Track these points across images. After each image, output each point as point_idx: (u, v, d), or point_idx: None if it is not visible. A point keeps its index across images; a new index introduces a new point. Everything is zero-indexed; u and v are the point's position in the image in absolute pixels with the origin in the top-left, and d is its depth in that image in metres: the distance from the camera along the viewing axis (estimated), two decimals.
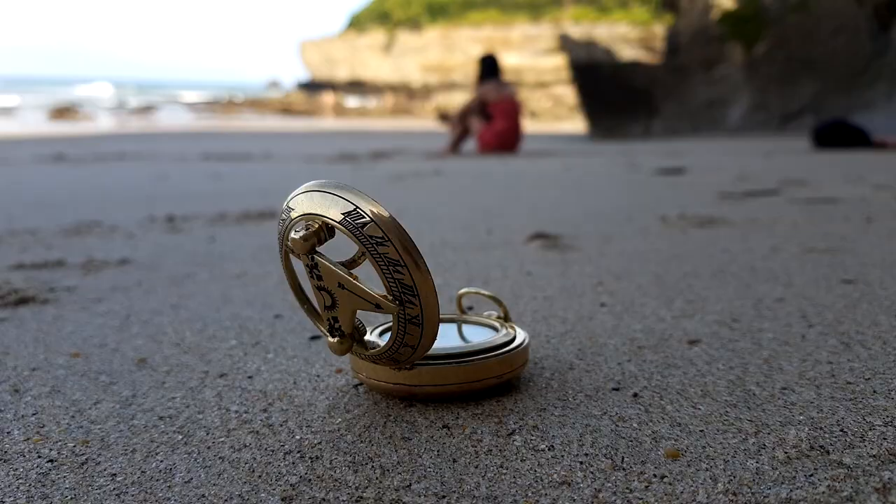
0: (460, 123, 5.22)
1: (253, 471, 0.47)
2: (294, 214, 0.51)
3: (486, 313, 0.68)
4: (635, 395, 0.59)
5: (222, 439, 0.52)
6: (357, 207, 0.48)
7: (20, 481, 0.46)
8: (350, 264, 0.52)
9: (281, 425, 0.55)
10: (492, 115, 5.07)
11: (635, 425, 0.53)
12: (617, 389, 0.60)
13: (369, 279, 0.53)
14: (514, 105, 5.13)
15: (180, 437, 0.53)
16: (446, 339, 0.63)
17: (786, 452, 0.48)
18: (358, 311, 0.53)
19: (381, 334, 0.62)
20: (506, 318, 0.66)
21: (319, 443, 0.52)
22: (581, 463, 0.47)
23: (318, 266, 0.52)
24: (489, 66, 5.23)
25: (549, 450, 0.49)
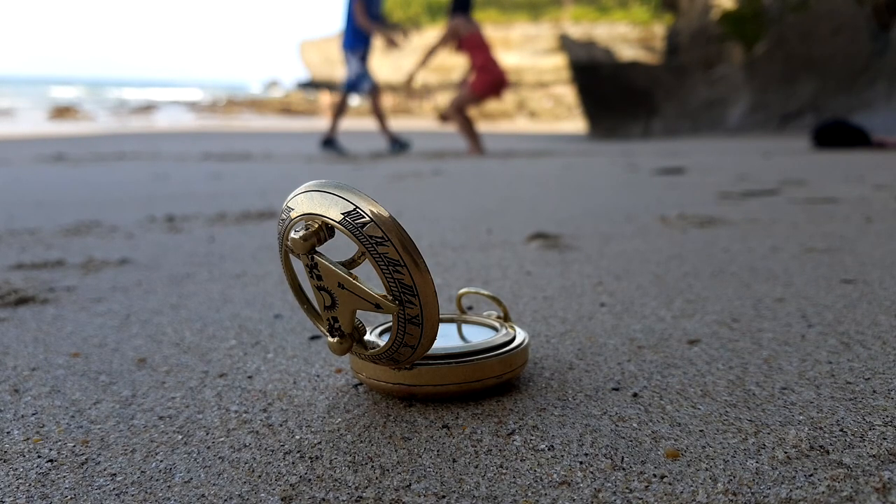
0: (459, 115, 5.13)
1: (253, 471, 0.48)
2: (294, 214, 0.51)
3: (486, 313, 0.68)
4: (635, 395, 0.59)
5: (222, 439, 0.52)
6: (357, 207, 0.48)
7: (20, 481, 0.46)
8: (350, 264, 0.52)
9: (281, 425, 0.55)
10: (466, 51, 4.97)
11: (635, 425, 0.53)
12: (617, 389, 0.60)
13: (369, 279, 0.53)
14: (483, 37, 5.03)
15: (180, 437, 0.53)
16: (446, 339, 0.63)
17: (786, 452, 0.48)
18: (358, 311, 0.53)
19: (380, 334, 0.62)
20: (506, 318, 0.66)
21: (319, 443, 0.52)
22: (581, 463, 0.47)
23: (317, 266, 0.52)
24: (462, 0, 5.08)
25: (548, 450, 0.49)
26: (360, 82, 5.04)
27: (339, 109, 5.14)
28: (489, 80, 4.95)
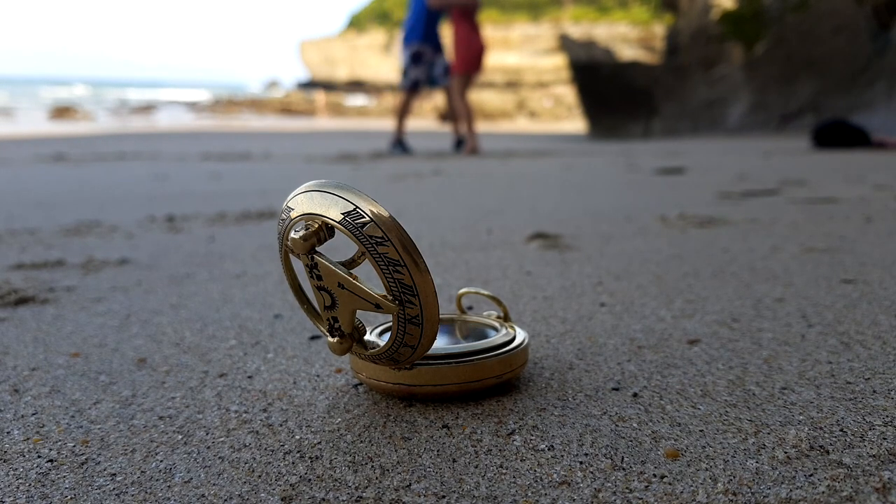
0: (462, 106, 5.09)
1: (253, 471, 0.48)
2: (294, 214, 0.51)
3: (486, 313, 0.68)
4: (635, 395, 0.59)
5: (222, 439, 0.52)
6: (357, 207, 0.48)
7: (20, 481, 0.46)
8: (350, 264, 0.52)
9: (281, 425, 0.55)
10: (451, 15, 4.94)
11: (635, 425, 0.53)
12: (617, 389, 0.60)
13: (369, 279, 0.53)
14: (474, 11, 4.95)
15: (180, 437, 0.53)
16: (446, 339, 0.63)
17: (786, 452, 0.48)
18: (358, 311, 0.53)
19: (380, 334, 0.62)
20: (506, 318, 0.66)
21: (319, 443, 0.52)
22: (581, 463, 0.47)
23: (317, 266, 0.52)
24: None
25: (548, 450, 0.49)
26: (402, 76, 4.99)
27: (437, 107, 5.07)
28: (469, 55, 4.90)
